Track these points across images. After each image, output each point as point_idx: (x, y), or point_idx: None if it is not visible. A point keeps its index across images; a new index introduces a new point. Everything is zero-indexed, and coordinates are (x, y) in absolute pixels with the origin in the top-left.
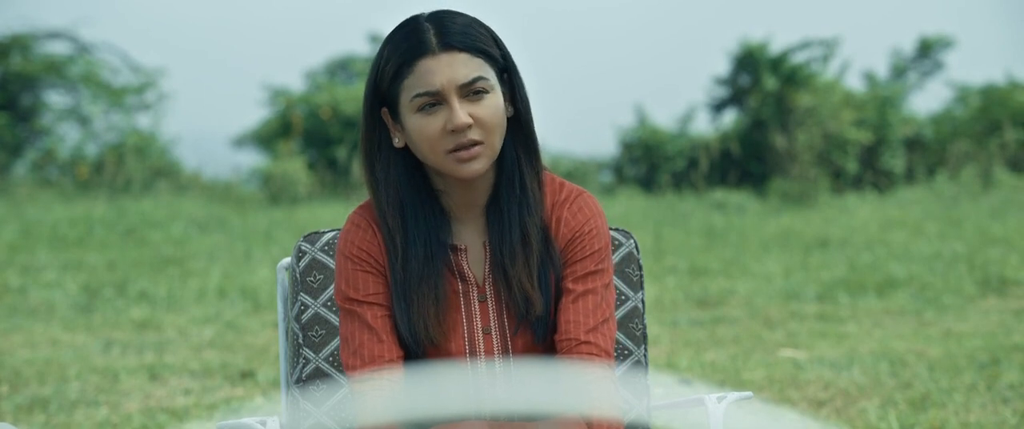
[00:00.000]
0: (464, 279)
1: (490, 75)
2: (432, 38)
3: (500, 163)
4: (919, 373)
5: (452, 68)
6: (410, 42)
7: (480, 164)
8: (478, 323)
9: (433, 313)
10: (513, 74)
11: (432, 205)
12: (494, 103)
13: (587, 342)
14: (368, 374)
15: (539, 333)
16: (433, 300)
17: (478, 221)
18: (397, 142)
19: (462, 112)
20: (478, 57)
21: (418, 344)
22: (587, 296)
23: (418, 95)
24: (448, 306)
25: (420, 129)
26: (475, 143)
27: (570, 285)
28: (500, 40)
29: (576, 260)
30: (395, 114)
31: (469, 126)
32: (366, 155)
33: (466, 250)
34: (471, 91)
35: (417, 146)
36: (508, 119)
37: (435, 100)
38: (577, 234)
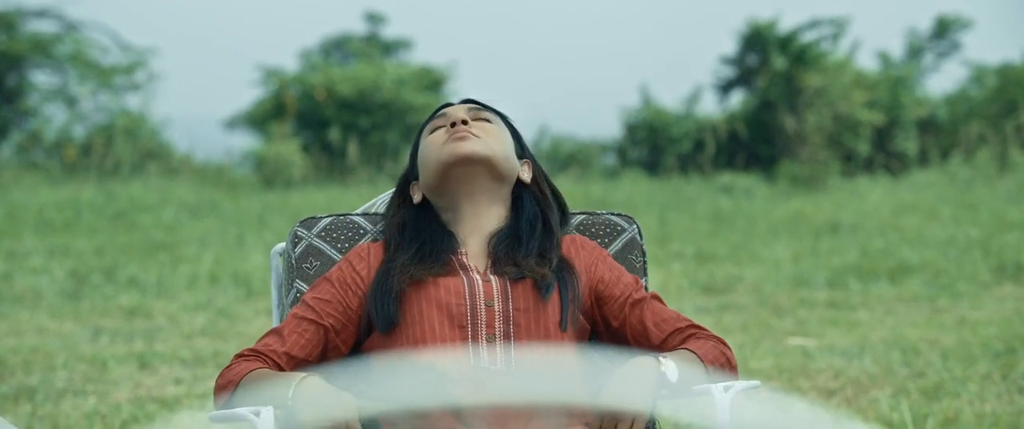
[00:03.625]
0: (465, 269)
1: (501, 127)
2: (457, 100)
3: (518, 209)
4: (932, 362)
5: (465, 107)
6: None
7: (472, 145)
8: (477, 276)
9: (413, 262)
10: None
11: (440, 226)
12: (498, 127)
13: (689, 325)
14: (247, 352)
15: (542, 288)
16: (414, 257)
17: (485, 248)
18: (416, 198)
19: (462, 111)
20: (495, 115)
21: (398, 292)
22: (652, 301)
23: (431, 121)
24: (440, 266)
25: (428, 144)
26: (470, 131)
27: (634, 297)
28: (519, 133)
29: (615, 282)
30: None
31: (465, 121)
32: (389, 209)
33: (466, 253)
34: (478, 115)
35: (423, 162)
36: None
37: (444, 124)
38: (595, 259)
